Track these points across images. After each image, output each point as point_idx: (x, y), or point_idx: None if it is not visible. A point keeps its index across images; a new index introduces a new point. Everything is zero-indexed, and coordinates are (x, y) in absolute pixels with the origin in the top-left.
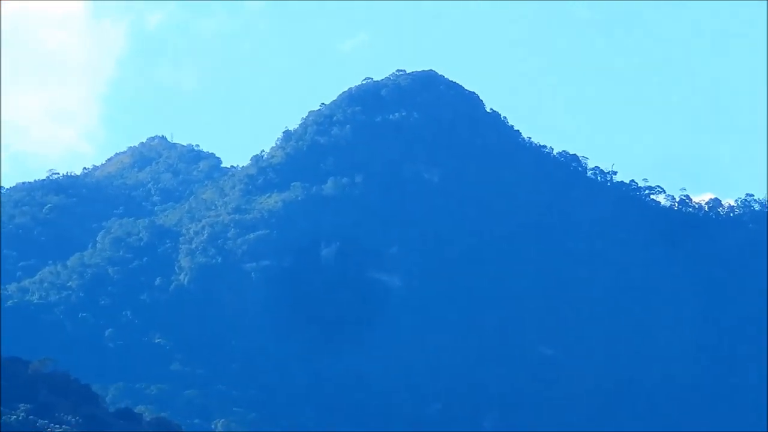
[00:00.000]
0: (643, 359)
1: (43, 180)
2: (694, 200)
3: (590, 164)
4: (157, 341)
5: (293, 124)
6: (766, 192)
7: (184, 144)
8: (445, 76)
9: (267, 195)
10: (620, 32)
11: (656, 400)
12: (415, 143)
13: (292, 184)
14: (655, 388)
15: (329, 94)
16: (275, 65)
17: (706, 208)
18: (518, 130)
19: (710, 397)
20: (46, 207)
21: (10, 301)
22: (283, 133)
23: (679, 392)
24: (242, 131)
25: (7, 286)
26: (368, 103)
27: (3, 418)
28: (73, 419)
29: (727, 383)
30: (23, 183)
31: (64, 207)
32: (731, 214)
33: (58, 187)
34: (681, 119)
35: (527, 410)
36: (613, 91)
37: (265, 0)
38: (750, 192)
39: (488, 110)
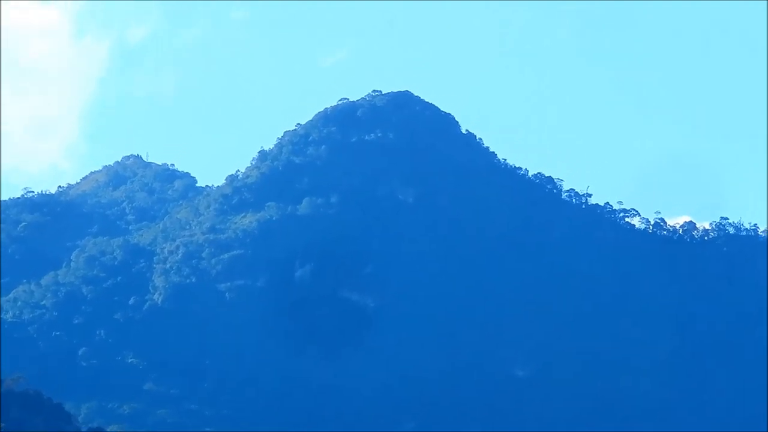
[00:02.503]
0: (617, 379)
1: (18, 198)
2: (669, 223)
3: (565, 186)
4: (130, 361)
5: (270, 143)
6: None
7: (159, 163)
8: (421, 97)
9: (242, 215)
10: (598, 54)
11: (630, 418)
12: (390, 164)
13: (267, 204)
14: (629, 407)
15: (308, 111)
16: (255, 82)
17: (680, 231)
18: (494, 152)
19: (685, 414)
20: (21, 225)
21: None
22: (259, 152)
23: (654, 411)
24: (219, 150)
25: None
26: (344, 123)
27: None
28: None
29: (702, 402)
30: (1, 201)
31: (39, 225)
32: (705, 238)
33: (33, 205)
34: (659, 140)
35: (501, 430)
36: (591, 113)
37: (247, 13)
38: (725, 216)
39: (464, 131)
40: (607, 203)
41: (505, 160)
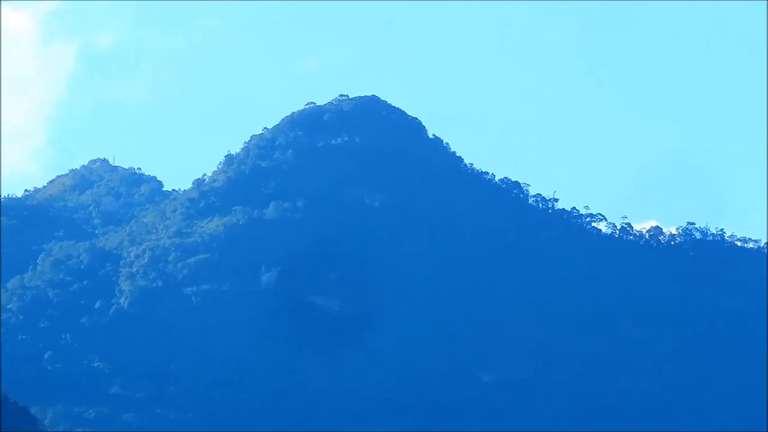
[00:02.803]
0: (584, 384)
1: None
2: (635, 228)
3: (532, 191)
4: (96, 364)
5: (237, 148)
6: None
7: (126, 167)
8: (388, 101)
9: (208, 219)
10: (564, 58)
11: (597, 424)
12: (356, 168)
13: (234, 208)
14: (597, 413)
15: (278, 116)
16: (223, 87)
17: (647, 236)
18: (460, 157)
19: (655, 421)
20: None
21: None
22: (225, 156)
23: (622, 418)
24: (186, 154)
25: None
26: (310, 127)
27: None
28: None
29: (676, 407)
30: None
31: (5, 229)
32: (672, 243)
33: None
34: (626, 144)
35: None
36: (558, 118)
37: (217, 20)
38: (691, 221)
39: (430, 136)
40: (574, 208)
41: (472, 164)
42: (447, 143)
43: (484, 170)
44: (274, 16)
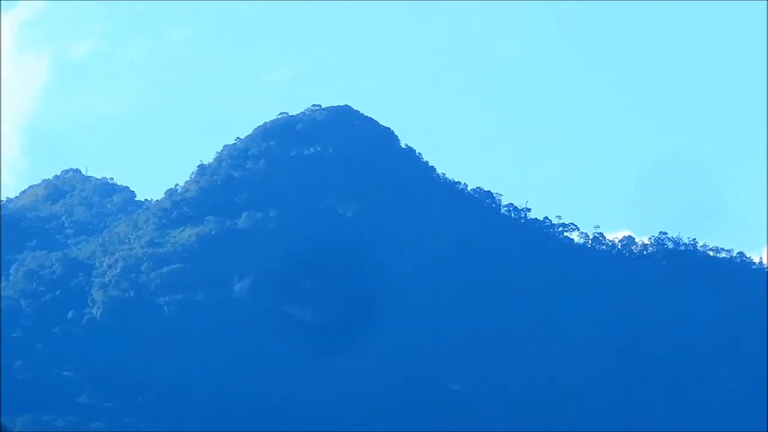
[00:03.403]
0: (553, 393)
1: None
2: (608, 237)
3: (504, 201)
4: (66, 374)
5: (208, 158)
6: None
7: (99, 177)
8: (361, 111)
9: (181, 229)
10: (534, 70)
11: None
12: (329, 178)
13: (206, 218)
14: (564, 422)
15: (247, 125)
16: (196, 98)
17: (619, 246)
18: (433, 166)
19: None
20: None
21: None
22: (198, 166)
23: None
24: (158, 164)
25: None
26: (283, 137)
27: None
28: None
29: (643, 415)
30: None
31: None
32: (644, 252)
33: None
34: (602, 152)
35: None
36: (531, 128)
37: (189, 30)
38: (663, 230)
39: (403, 146)
40: (546, 218)
41: (444, 174)
42: (420, 153)
43: (456, 180)
44: (246, 25)
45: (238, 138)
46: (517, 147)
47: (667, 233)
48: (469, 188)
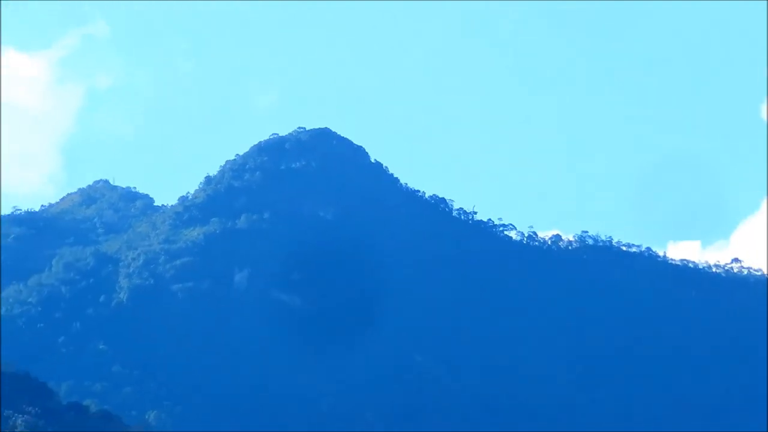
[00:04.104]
0: (501, 369)
1: (8, 215)
2: (540, 235)
3: (456, 205)
4: (100, 347)
5: (213, 170)
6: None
7: (123, 186)
8: (338, 132)
9: (191, 228)
10: (490, 85)
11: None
12: (312, 187)
13: (212, 219)
14: (505, 395)
15: (246, 144)
16: (201, 119)
17: (549, 242)
18: (397, 177)
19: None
20: (11, 237)
21: None
22: (205, 178)
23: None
24: (172, 175)
25: None
26: (274, 153)
27: None
28: (33, 410)
29: (580, 392)
30: None
31: (25, 237)
32: (569, 248)
33: (21, 220)
34: (541, 161)
35: (401, 415)
36: (484, 141)
37: (193, 64)
38: (585, 229)
39: (372, 161)
40: (489, 219)
41: (407, 184)
42: (386, 166)
43: (416, 188)
44: (240, 58)
45: (237, 154)
46: (473, 157)
47: (588, 232)
48: (426, 195)
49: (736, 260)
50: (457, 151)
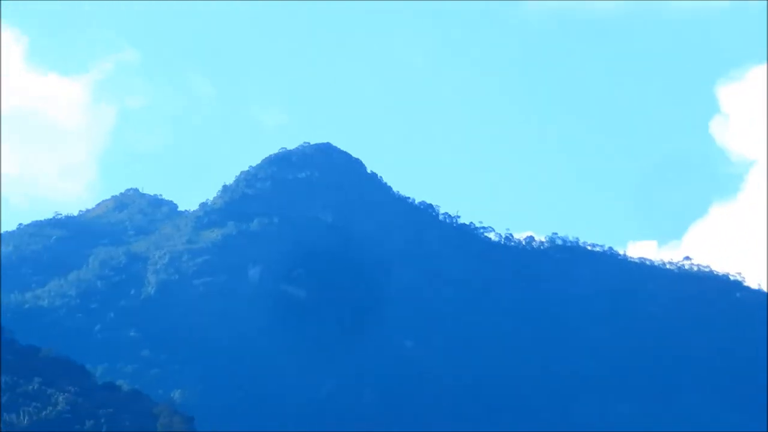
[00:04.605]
0: (479, 357)
1: (50, 219)
2: (515, 236)
3: (441, 210)
4: (131, 334)
5: (229, 180)
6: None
7: (151, 194)
8: (338, 146)
9: (210, 230)
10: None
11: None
12: (315, 195)
13: (228, 222)
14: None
15: (258, 157)
16: (219, 136)
17: (523, 243)
18: (390, 186)
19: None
20: (53, 238)
21: (27, 305)
22: (222, 186)
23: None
24: (194, 184)
25: (25, 294)
26: (282, 165)
27: (21, 387)
28: (72, 389)
29: (544, 385)
30: (37, 221)
31: (65, 238)
32: (541, 247)
33: (61, 224)
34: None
35: (394, 397)
36: (466, 152)
37: (212, 89)
38: (555, 231)
39: (369, 171)
40: (471, 222)
41: (399, 191)
42: (381, 176)
43: (407, 195)
44: (252, 80)
45: (250, 166)
46: (454, 169)
47: (557, 233)
48: (416, 201)
49: (687, 258)
50: (443, 162)
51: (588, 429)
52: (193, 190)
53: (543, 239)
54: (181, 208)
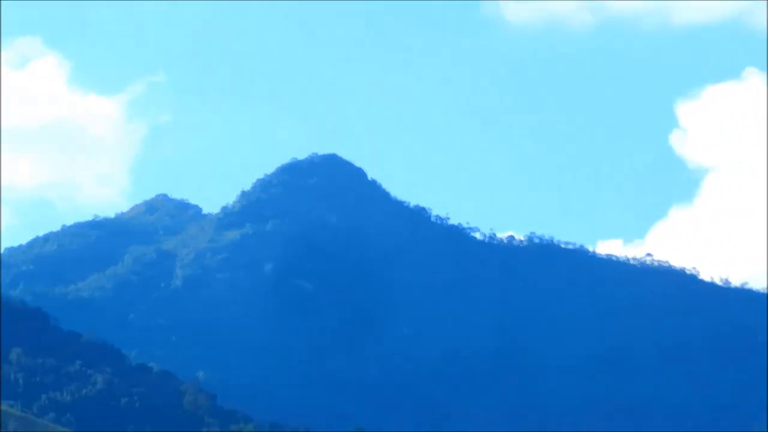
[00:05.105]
0: (467, 341)
1: (90, 221)
2: (498, 235)
3: (433, 212)
4: (161, 322)
5: (247, 186)
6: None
7: (178, 199)
8: (342, 157)
9: (230, 230)
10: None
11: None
12: (322, 199)
13: (246, 224)
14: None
15: (271, 166)
16: (237, 146)
17: (505, 241)
18: (388, 192)
19: (499, 378)
20: (93, 237)
21: (70, 296)
22: (241, 192)
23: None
24: (215, 191)
25: (68, 287)
26: (293, 173)
27: (64, 369)
28: (109, 370)
29: (520, 374)
30: (78, 222)
31: (103, 238)
32: (520, 245)
33: (99, 225)
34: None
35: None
36: (454, 159)
37: (228, 106)
38: (533, 230)
39: (369, 179)
40: (459, 223)
41: (396, 196)
42: (380, 183)
43: (402, 199)
44: (267, 97)
45: (265, 174)
46: (445, 176)
47: (535, 232)
48: (411, 205)
49: (649, 255)
50: (435, 169)
51: (560, 404)
52: (215, 195)
53: (522, 238)
54: (204, 212)
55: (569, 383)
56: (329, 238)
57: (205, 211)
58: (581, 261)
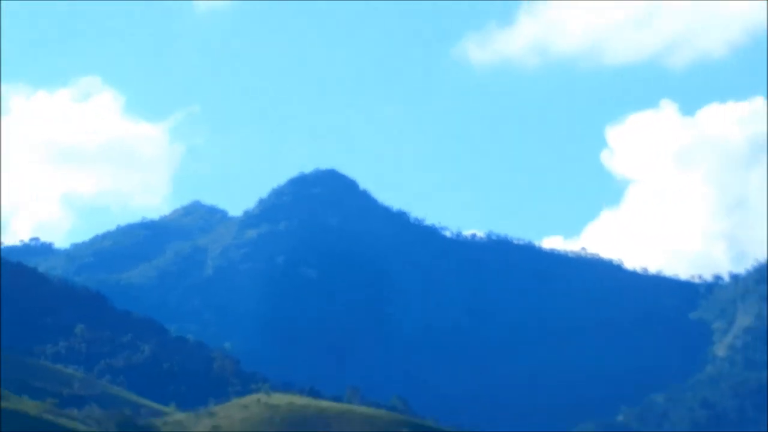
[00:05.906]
0: (442, 320)
1: (138, 223)
2: (464, 233)
3: (412, 215)
4: (195, 303)
5: (264, 194)
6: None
7: (209, 204)
8: (339, 171)
9: (250, 230)
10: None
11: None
12: (323, 205)
13: (263, 224)
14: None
15: (282, 177)
16: (257, 163)
17: (469, 238)
18: (375, 198)
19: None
20: (141, 235)
21: (122, 282)
22: (258, 199)
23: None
24: (239, 198)
25: (121, 275)
26: (300, 184)
27: (118, 340)
28: (154, 341)
29: (483, 345)
30: (130, 224)
31: (148, 236)
32: (482, 242)
33: (146, 226)
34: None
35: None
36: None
37: (245, 128)
38: (491, 229)
39: (361, 189)
40: (433, 224)
41: (383, 202)
42: (370, 192)
43: (387, 204)
44: (281, 124)
45: (278, 184)
46: (423, 182)
47: (493, 231)
48: (394, 209)
49: (583, 249)
50: (415, 180)
51: (514, 369)
52: (239, 201)
53: (482, 235)
54: (230, 215)
55: (521, 352)
56: (329, 237)
57: (230, 214)
58: (530, 254)
